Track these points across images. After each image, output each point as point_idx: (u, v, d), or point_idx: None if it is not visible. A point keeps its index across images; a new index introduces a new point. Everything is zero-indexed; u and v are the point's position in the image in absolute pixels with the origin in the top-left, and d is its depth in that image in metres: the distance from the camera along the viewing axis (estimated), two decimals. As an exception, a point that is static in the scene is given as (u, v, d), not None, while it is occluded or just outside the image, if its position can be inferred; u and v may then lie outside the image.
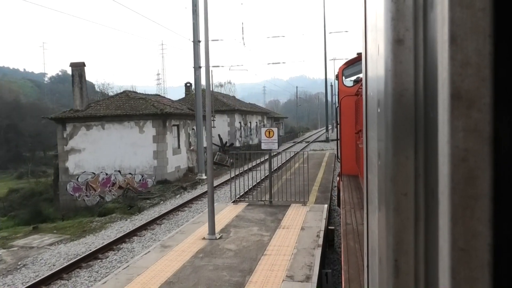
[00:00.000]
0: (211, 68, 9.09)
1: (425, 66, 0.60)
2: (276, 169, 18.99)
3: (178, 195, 19.67)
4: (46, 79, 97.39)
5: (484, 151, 0.49)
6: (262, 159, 29.02)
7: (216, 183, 18.95)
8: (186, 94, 40.30)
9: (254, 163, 26.23)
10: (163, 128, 22.67)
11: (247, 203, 11.38)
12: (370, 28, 0.86)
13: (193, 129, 25.99)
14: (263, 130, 10.70)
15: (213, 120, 25.95)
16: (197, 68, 21.57)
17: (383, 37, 0.66)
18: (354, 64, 9.88)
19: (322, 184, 15.41)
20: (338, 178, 10.62)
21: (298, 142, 50.20)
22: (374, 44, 0.78)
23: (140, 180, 22.83)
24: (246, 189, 13.53)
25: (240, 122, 38.16)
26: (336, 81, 10.69)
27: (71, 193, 23.49)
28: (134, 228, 12.95)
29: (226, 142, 33.45)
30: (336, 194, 12.82)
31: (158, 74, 66.21)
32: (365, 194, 0.98)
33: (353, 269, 4.46)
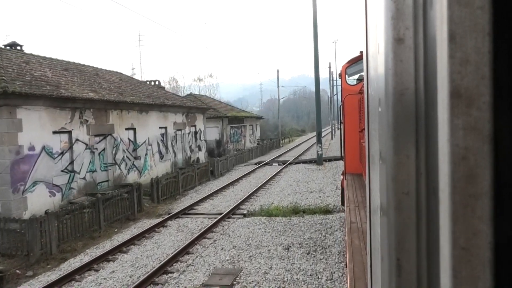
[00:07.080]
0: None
1: (425, 65, 0.60)
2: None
3: None
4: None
5: (484, 149, 0.49)
6: (119, 239, 10.28)
7: None
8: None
9: (86, 258, 8.95)
10: None
11: None
12: (371, 27, 0.86)
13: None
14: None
15: None
16: None
17: (383, 36, 0.66)
18: (357, 62, 9.87)
19: None
20: (342, 177, 10.61)
21: (266, 164, 25.86)
22: (374, 43, 0.78)
23: None
24: None
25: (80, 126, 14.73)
26: (339, 79, 10.69)
27: None
28: None
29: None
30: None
31: (133, 69, 57.64)
32: (367, 193, 0.98)
33: (358, 267, 4.45)
